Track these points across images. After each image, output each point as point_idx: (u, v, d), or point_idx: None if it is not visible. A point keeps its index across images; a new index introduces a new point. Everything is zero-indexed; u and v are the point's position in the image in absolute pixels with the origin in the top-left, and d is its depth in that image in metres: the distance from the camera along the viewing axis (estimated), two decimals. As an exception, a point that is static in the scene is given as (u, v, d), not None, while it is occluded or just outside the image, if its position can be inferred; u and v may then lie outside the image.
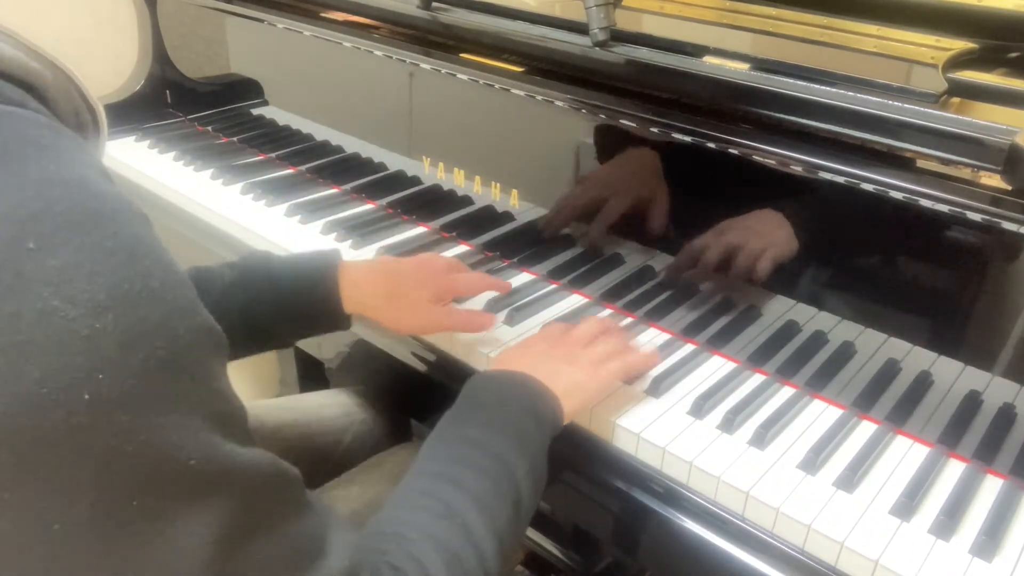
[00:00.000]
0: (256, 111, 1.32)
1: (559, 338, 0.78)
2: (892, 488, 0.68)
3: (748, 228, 0.81)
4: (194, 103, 1.42)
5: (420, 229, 1.09)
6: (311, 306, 0.79)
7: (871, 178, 0.70)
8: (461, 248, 1.04)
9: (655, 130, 0.82)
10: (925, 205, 0.68)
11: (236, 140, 1.35)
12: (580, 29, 0.86)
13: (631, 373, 0.78)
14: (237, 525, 0.39)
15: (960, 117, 0.67)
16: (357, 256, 1.01)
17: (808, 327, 0.80)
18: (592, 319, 0.82)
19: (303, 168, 1.25)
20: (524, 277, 0.98)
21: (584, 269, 0.95)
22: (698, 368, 0.83)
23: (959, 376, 0.72)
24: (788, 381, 0.81)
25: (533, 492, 0.63)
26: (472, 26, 0.98)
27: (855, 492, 0.68)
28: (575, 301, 0.94)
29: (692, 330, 0.87)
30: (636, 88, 0.84)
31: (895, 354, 0.76)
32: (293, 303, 0.78)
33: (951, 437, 0.72)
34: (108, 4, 0.53)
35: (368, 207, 1.14)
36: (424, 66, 1.01)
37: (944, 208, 0.67)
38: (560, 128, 0.92)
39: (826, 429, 0.74)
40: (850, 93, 0.71)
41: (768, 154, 0.75)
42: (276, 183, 1.21)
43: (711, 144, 0.78)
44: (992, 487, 0.69)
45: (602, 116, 0.86)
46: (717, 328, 0.85)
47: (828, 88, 0.73)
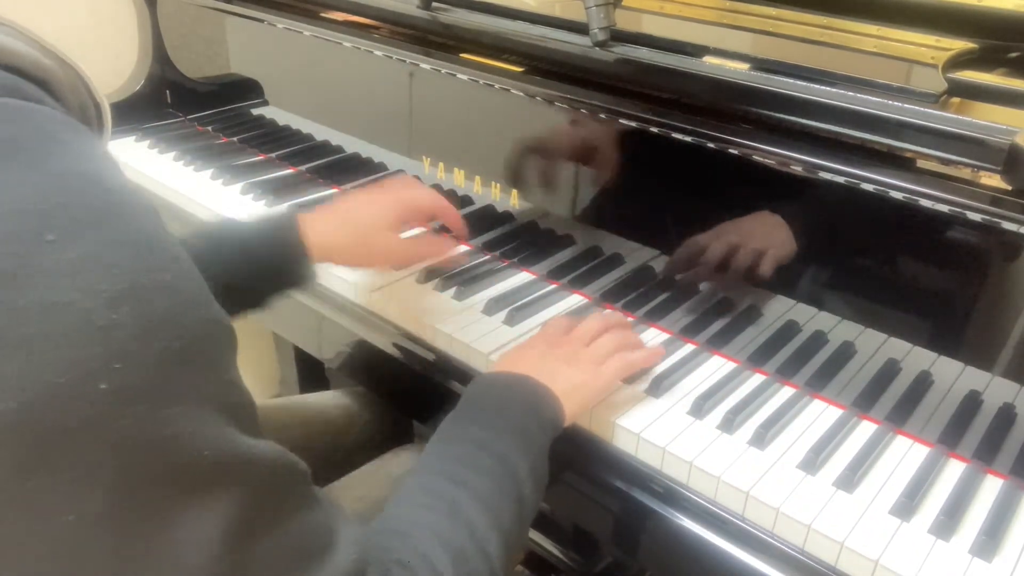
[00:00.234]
0: (256, 111, 1.32)
1: (560, 337, 0.78)
2: (892, 488, 0.68)
3: (748, 229, 0.81)
4: (194, 103, 1.42)
5: (420, 229, 1.09)
6: (282, 264, 0.80)
7: (871, 178, 0.70)
8: (461, 248, 1.04)
9: (654, 130, 0.82)
10: (925, 205, 0.68)
11: (236, 140, 1.35)
12: (580, 29, 0.86)
13: (634, 370, 0.78)
14: (247, 518, 0.39)
15: (960, 117, 0.67)
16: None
17: (808, 327, 0.80)
18: (595, 315, 0.81)
19: (303, 168, 1.25)
20: (524, 277, 0.98)
21: (584, 269, 0.95)
22: (698, 368, 0.83)
23: (959, 376, 0.72)
24: (788, 381, 0.81)
25: (535, 492, 0.63)
26: (472, 26, 0.98)
27: (855, 492, 0.68)
28: (575, 301, 0.94)
29: (692, 330, 0.87)
30: (636, 88, 0.84)
31: (895, 354, 0.76)
32: (267, 265, 0.80)
33: (951, 437, 0.72)
34: (108, 4, 0.53)
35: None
36: (424, 66, 1.01)
37: (944, 208, 0.67)
38: (560, 128, 0.92)
39: (826, 429, 0.74)
40: (850, 93, 0.71)
41: (768, 154, 0.75)
42: (276, 183, 1.21)
43: (711, 144, 0.78)
44: (992, 487, 0.69)
45: (602, 116, 0.86)
46: (717, 328, 0.85)
47: (828, 88, 0.73)
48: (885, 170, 0.69)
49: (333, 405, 1.04)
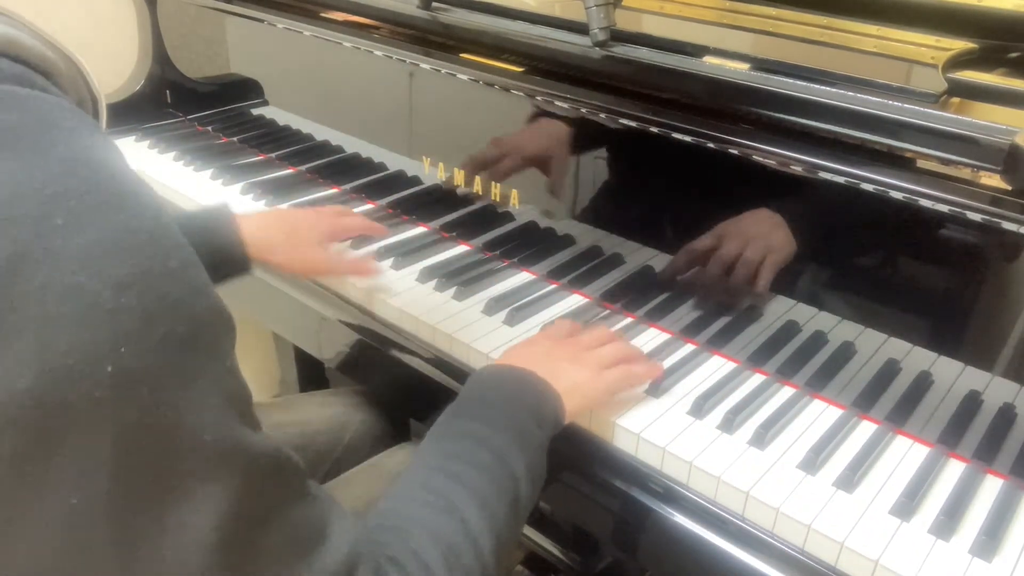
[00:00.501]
0: (256, 111, 1.32)
1: (565, 338, 0.78)
2: (892, 488, 0.68)
3: (748, 229, 0.81)
4: (194, 103, 1.42)
5: (420, 229, 1.09)
6: (220, 253, 0.85)
7: (871, 178, 0.70)
8: (461, 248, 1.04)
9: (654, 130, 0.82)
10: (925, 205, 0.68)
11: (236, 140, 1.35)
12: (580, 29, 0.86)
13: (634, 383, 0.78)
14: (243, 506, 0.40)
15: (960, 117, 0.67)
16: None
17: (808, 327, 0.80)
18: (600, 326, 0.83)
19: (303, 168, 1.25)
20: (524, 277, 0.98)
21: (584, 269, 0.95)
22: (698, 368, 0.83)
23: (959, 376, 0.72)
24: (788, 381, 0.81)
25: (532, 490, 0.63)
26: (472, 26, 0.98)
27: (855, 492, 0.68)
28: (575, 301, 0.94)
29: (692, 330, 0.87)
30: (636, 88, 0.84)
31: (895, 354, 0.76)
32: (205, 254, 0.83)
33: (951, 437, 0.72)
34: (108, 4, 0.54)
35: (368, 207, 1.14)
36: (424, 66, 1.01)
37: (944, 208, 0.67)
38: (560, 128, 0.92)
39: (826, 429, 0.74)
40: (850, 93, 0.71)
41: (768, 154, 0.75)
42: (276, 183, 1.21)
43: (711, 144, 0.78)
44: (992, 487, 0.69)
45: (602, 116, 0.86)
46: (717, 328, 0.85)
47: (828, 88, 0.73)
48: (885, 170, 0.69)
49: (331, 403, 1.04)
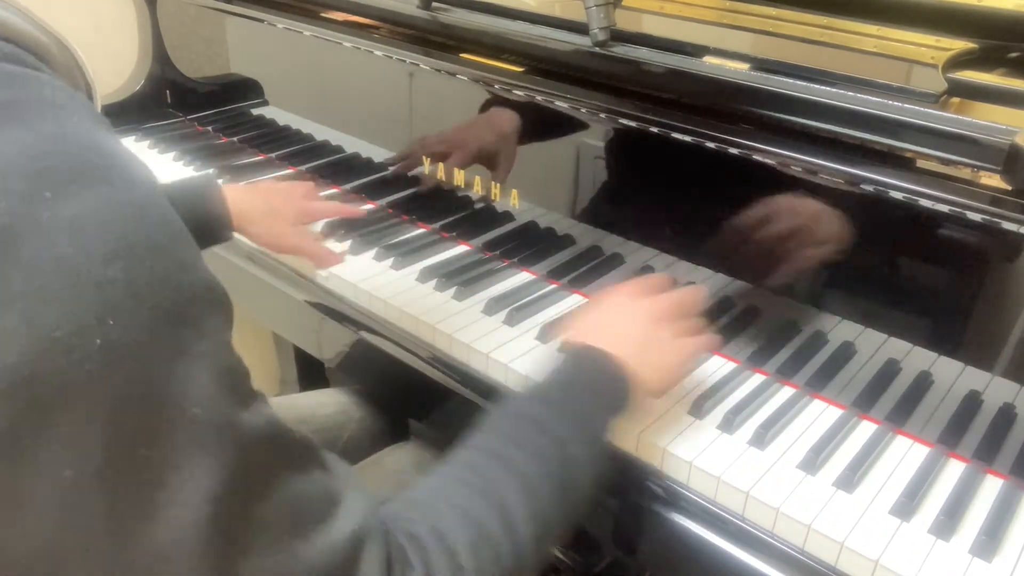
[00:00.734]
0: (256, 111, 1.32)
1: (641, 306, 0.74)
2: (892, 488, 0.68)
3: (747, 229, 0.80)
4: (194, 103, 1.42)
5: (420, 229, 1.09)
6: (206, 221, 0.89)
7: (871, 178, 0.70)
8: (461, 248, 1.04)
9: (654, 130, 0.82)
10: (925, 205, 0.68)
11: (236, 140, 1.35)
12: (580, 29, 0.86)
13: (704, 351, 0.78)
14: (237, 481, 0.39)
15: (960, 117, 0.67)
16: (358, 260, 1.01)
17: (808, 327, 0.80)
18: (682, 292, 0.79)
19: (303, 168, 1.25)
20: (524, 277, 0.98)
21: (584, 269, 0.94)
22: (698, 368, 0.83)
23: (959, 376, 0.72)
24: (788, 381, 0.81)
25: (590, 481, 0.60)
26: (472, 26, 0.98)
27: (855, 492, 0.68)
28: (575, 301, 0.94)
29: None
30: (636, 88, 0.84)
31: (895, 354, 0.76)
32: (192, 224, 0.87)
33: (951, 437, 0.72)
34: (108, 4, 0.54)
35: (368, 207, 1.14)
36: (424, 66, 1.01)
37: (944, 208, 0.67)
38: (560, 128, 0.92)
39: (826, 429, 0.74)
40: (850, 93, 0.71)
41: (768, 154, 0.75)
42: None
43: (711, 144, 0.78)
44: (992, 487, 0.69)
45: (602, 116, 0.86)
46: (717, 328, 0.85)
47: (828, 88, 0.73)
48: (885, 170, 0.69)
49: (329, 403, 1.04)
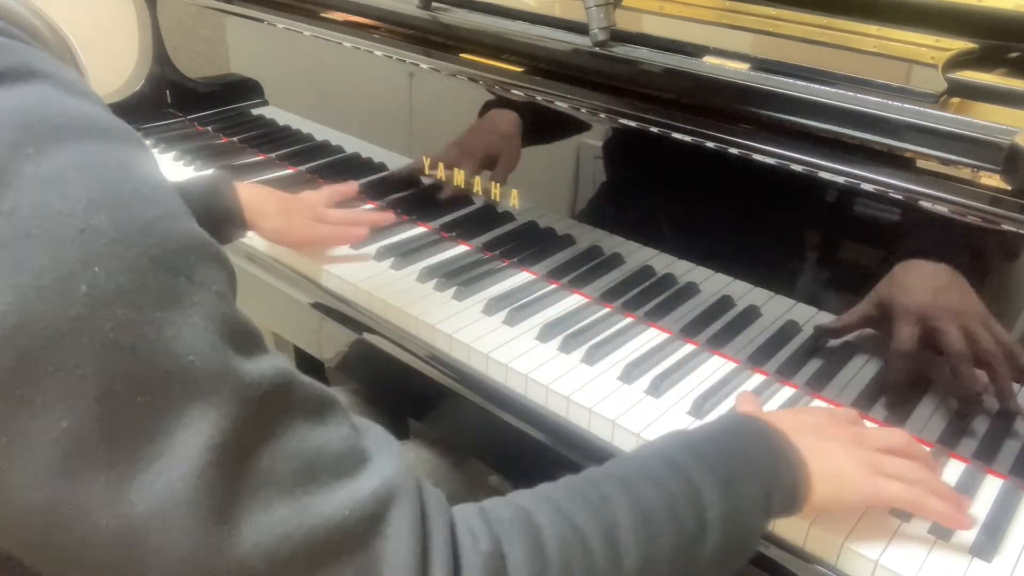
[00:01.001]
0: (256, 111, 1.32)
1: (847, 422, 0.67)
2: (892, 488, 0.68)
3: (747, 229, 0.80)
4: (194, 103, 1.42)
5: (420, 229, 1.09)
6: (219, 220, 0.91)
7: (871, 178, 0.70)
8: (461, 248, 1.04)
9: (654, 130, 0.82)
10: (925, 205, 0.68)
11: (236, 140, 1.36)
12: (580, 29, 0.86)
13: (920, 511, 0.63)
14: (238, 432, 0.39)
15: (960, 117, 0.67)
16: (357, 256, 1.01)
17: (808, 327, 0.80)
18: (909, 440, 0.67)
19: (303, 168, 1.25)
20: (524, 277, 0.98)
21: (584, 269, 0.94)
22: (698, 368, 0.83)
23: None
24: (788, 381, 0.81)
25: (719, 550, 0.53)
26: (472, 26, 0.98)
27: (855, 492, 0.68)
28: (575, 301, 0.94)
29: (692, 330, 0.87)
30: (636, 88, 0.84)
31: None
32: (205, 218, 0.89)
33: (951, 437, 0.72)
34: (108, 4, 0.54)
35: (368, 207, 1.14)
36: (424, 66, 1.01)
37: (944, 208, 0.67)
38: (562, 129, 0.92)
39: (826, 429, 0.74)
40: (850, 93, 0.71)
41: (768, 154, 0.75)
42: (276, 183, 1.21)
43: (711, 144, 0.78)
44: (992, 487, 0.69)
45: (602, 116, 0.86)
46: (717, 328, 0.85)
47: (828, 88, 0.73)
48: (885, 170, 0.69)
49: None
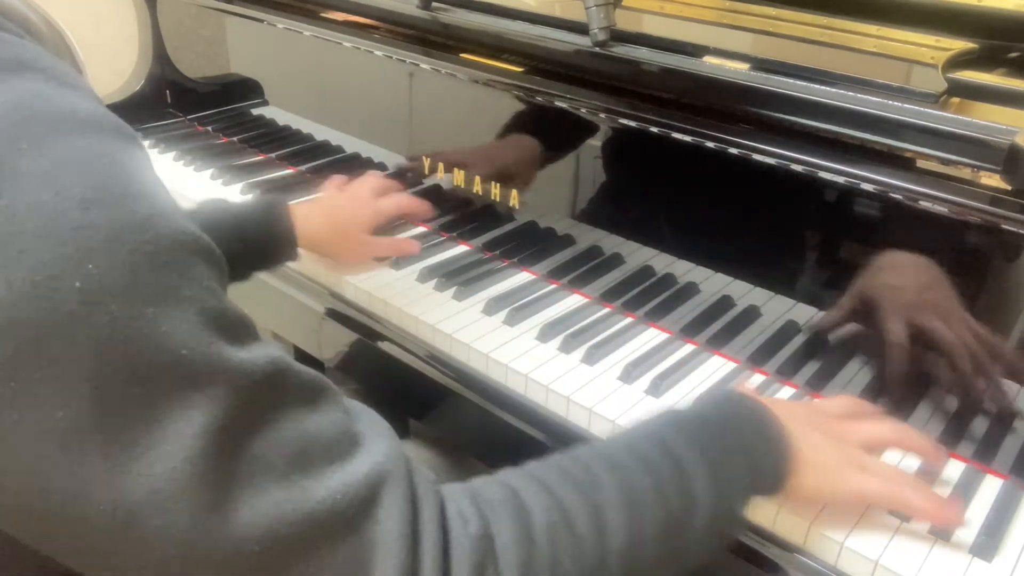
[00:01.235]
0: (256, 111, 1.32)
1: (842, 418, 0.68)
2: (892, 488, 0.68)
3: (747, 229, 0.80)
4: (194, 103, 1.42)
5: (420, 229, 1.09)
6: (274, 244, 0.91)
7: (871, 178, 0.70)
8: (461, 248, 1.04)
9: (654, 130, 0.82)
10: (925, 205, 0.68)
11: (236, 140, 1.36)
12: (580, 29, 0.86)
13: (903, 508, 0.64)
14: (232, 420, 0.40)
15: (960, 117, 0.67)
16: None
17: (808, 327, 0.80)
18: (905, 430, 0.68)
19: (303, 168, 1.25)
20: (524, 277, 0.98)
21: (584, 269, 0.94)
22: (698, 368, 0.83)
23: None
24: (788, 381, 0.81)
25: (705, 531, 0.54)
26: (472, 26, 0.98)
27: (855, 492, 0.68)
28: (575, 301, 0.94)
29: (692, 330, 0.87)
30: (636, 88, 0.84)
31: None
32: (260, 243, 0.90)
33: (951, 437, 0.72)
34: (108, 4, 0.54)
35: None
36: (424, 66, 1.01)
37: (944, 208, 0.67)
38: (559, 128, 0.92)
39: (826, 429, 0.74)
40: (850, 93, 0.71)
41: (768, 154, 0.75)
42: (276, 183, 1.21)
43: (711, 144, 0.78)
44: (992, 487, 0.69)
45: (602, 116, 0.86)
46: (717, 328, 0.85)
47: (828, 88, 0.73)
48: (885, 170, 0.69)
49: None
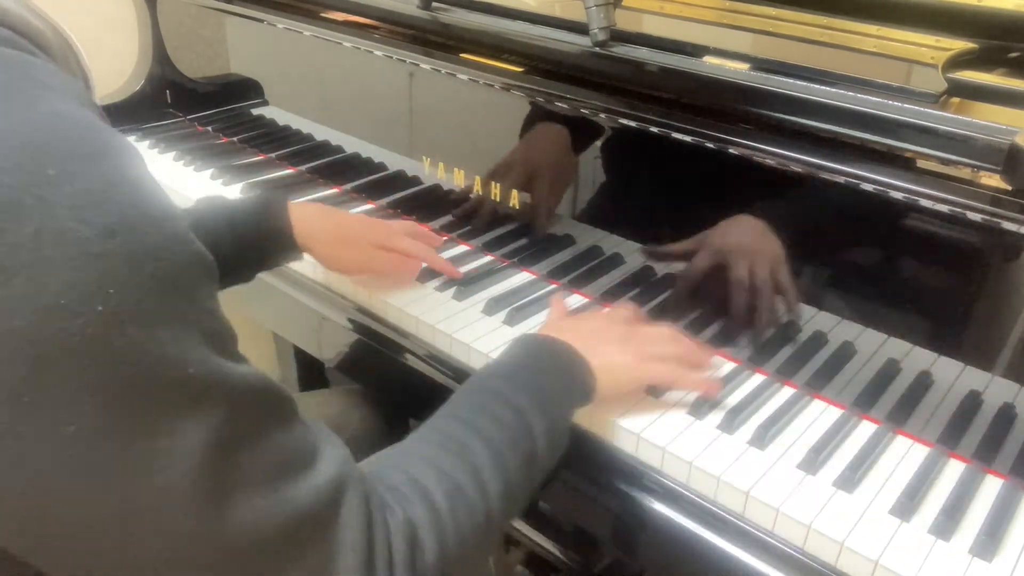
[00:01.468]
0: (256, 111, 1.32)
1: (621, 322, 0.79)
2: (892, 488, 0.68)
3: (748, 229, 0.81)
4: (194, 103, 1.42)
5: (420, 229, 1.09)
6: (268, 240, 0.89)
7: (871, 178, 0.70)
8: (461, 248, 1.04)
9: (654, 130, 0.82)
10: (925, 205, 0.68)
11: (236, 140, 1.36)
12: (580, 29, 0.86)
13: (680, 384, 0.78)
14: (228, 433, 0.43)
15: (960, 117, 0.67)
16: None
17: (808, 327, 0.80)
18: (666, 326, 0.80)
19: (303, 168, 1.25)
20: (524, 277, 0.98)
21: (584, 269, 0.95)
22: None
23: (959, 376, 0.72)
24: (788, 381, 0.81)
25: (549, 453, 0.65)
26: (472, 26, 0.98)
27: (855, 492, 0.68)
28: (575, 301, 0.94)
29: (692, 330, 0.87)
30: (636, 88, 0.84)
31: (895, 354, 0.76)
32: (253, 238, 0.88)
33: (951, 437, 0.72)
34: (108, 4, 0.55)
35: (368, 207, 1.14)
36: (424, 66, 1.01)
37: (944, 208, 0.67)
38: (559, 128, 0.92)
39: (826, 429, 0.74)
40: (850, 93, 0.71)
41: (768, 154, 0.75)
42: (276, 183, 1.21)
43: (711, 144, 0.78)
44: (992, 487, 0.69)
45: (602, 116, 0.86)
46: (717, 328, 0.85)
47: (828, 88, 0.73)
48: (885, 170, 0.69)
49: (330, 403, 1.04)
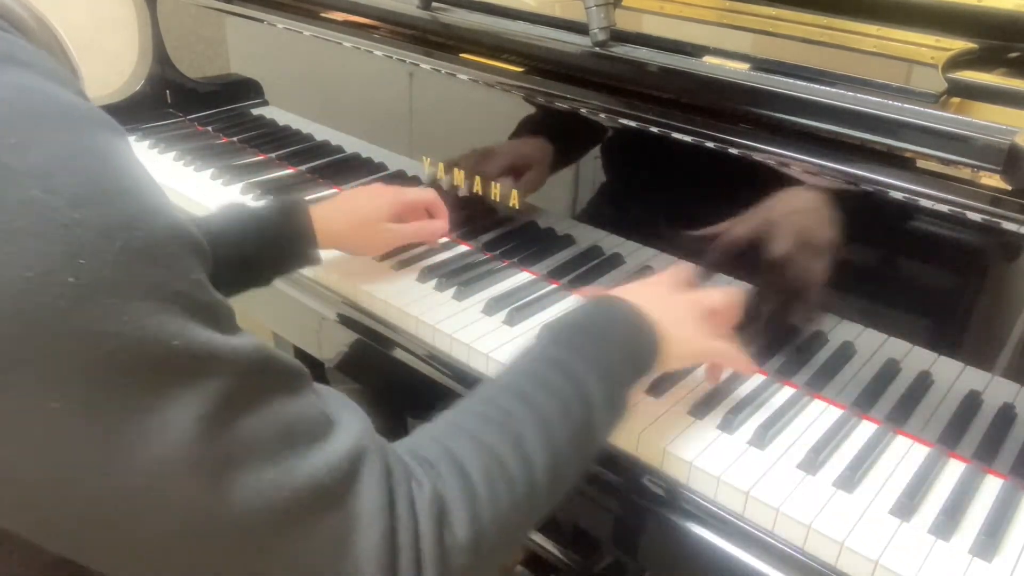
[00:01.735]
0: (256, 111, 1.32)
1: (686, 286, 0.77)
2: (892, 488, 0.68)
3: (748, 229, 0.80)
4: (194, 103, 1.42)
5: (420, 229, 1.09)
6: (290, 242, 0.89)
7: (871, 178, 0.70)
8: (461, 248, 1.04)
9: (654, 130, 0.82)
10: (925, 205, 0.68)
11: (236, 140, 1.36)
12: (580, 29, 0.86)
13: (733, 365, 0.78)
14: (223, 405, 0.41)
15: (960, 117, 0.67)
16: (358, 260, 1.01)
17: (808, 327, 0.80)
18: (731, 291, 0.79)
19: (303, 168, 1.25)
20: (524, 277, 0.98)
21: (584, 269, 0.95)
22: (698, 368, 0.83)
23: (959, 376, 0.72)
24: (788, 381, 0.81)
25: (607, 423, 0.63)
26: (472, 26, 0.98)
27: (855, 492, 0.68)
28: (575, 301, 0.94)
29: (692, 330, 0.87)
30: (636, 88, 0.84)
31: (895, 354, 0.76)
32: (276, 243, 0.89)
33: (951, 437, 0.72)
34: (108, 4, 0.54)
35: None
36: (424, 66, 1.01)
37: (944, 208, 0.67)
38: (560, 128, 0.92)
39: (826, 429, 0.74)
40: (850, 93, 0.71)
41: (768, 154, 0.75)
42: (276, 183, 1.21)
43: (711, 144, 0.78)
44: (992, 487, 0.69)
45: (602, 116, 0.86)
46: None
47: (828, 88, 0.73)
48: (885, 170, 0.69)
49: None
